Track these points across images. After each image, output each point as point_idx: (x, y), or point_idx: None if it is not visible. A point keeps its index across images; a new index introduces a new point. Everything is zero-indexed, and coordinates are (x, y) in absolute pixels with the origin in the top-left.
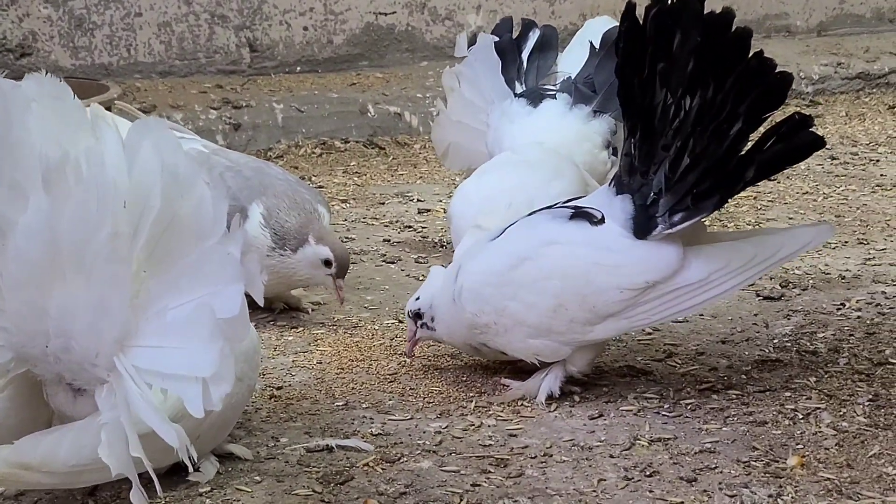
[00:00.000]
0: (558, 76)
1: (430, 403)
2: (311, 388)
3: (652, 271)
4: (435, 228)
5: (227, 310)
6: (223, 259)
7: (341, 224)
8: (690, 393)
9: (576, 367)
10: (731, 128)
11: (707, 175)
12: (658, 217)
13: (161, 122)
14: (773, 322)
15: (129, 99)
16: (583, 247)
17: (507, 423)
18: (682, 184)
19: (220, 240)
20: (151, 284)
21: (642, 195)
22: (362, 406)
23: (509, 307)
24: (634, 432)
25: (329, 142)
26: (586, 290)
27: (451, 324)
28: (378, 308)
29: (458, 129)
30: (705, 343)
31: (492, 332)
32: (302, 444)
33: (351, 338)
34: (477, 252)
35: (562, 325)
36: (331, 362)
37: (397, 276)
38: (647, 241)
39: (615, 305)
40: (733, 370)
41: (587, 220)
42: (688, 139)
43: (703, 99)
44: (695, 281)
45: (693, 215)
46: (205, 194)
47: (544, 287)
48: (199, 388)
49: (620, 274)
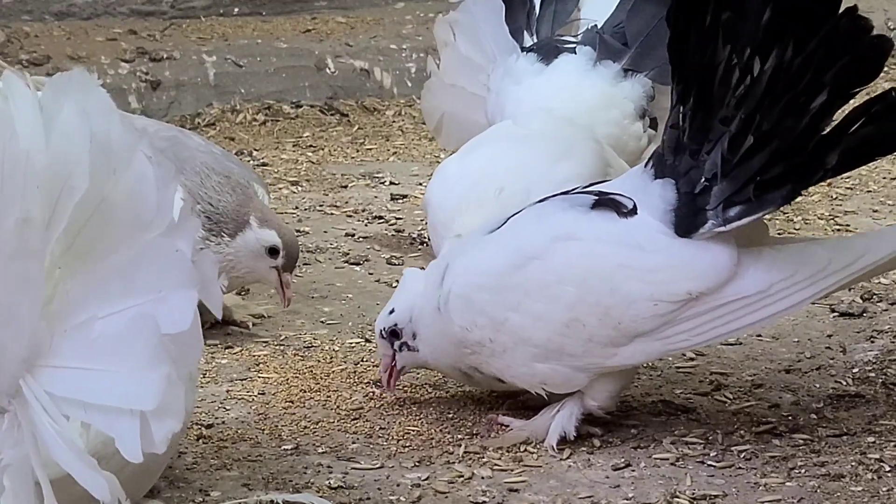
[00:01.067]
0: (580, 24)
1: (406, 448)
2: (250, 427)
3: (696, 279)
4: (413, 220)
5: (174, 323)
6: (170, 257)
7: (290, 213)
8: (744, 437)
9: (596, 401)
10: (812, 101)
11: (777, 159)
12: (708, 210)
13: (89, 76)
14: (852, 346)
15: (14, 47)
16: (607, 244)
17: (506, 475)
18: (743, 168)
19: (166, 231)
20: (71, 287)
21: (689, 181)
22: (317, 451)
23: (510, 320)
24: (672, 488)
25: (275, 106)
26: (610, 300)
27: (436, 341)
28: (338, 323)
29: (452, 96)
30: (764, 372)
31: (486, 352)
32: (239, 500)
33: (303, 361)
34: (469, 247)
35: (577, 346)
36: (276, 393)
37: (364, 282)
38: (692, 241)
39: (647, 322)
40: (800, 408)
41: (614, 211)
42: (755, 112)
43: (779, 62)
44: (752, 293)
45: (754, 210)
46: (145, 172)
47: (556, 295)
48: (137, 425)
49: (655, 281)
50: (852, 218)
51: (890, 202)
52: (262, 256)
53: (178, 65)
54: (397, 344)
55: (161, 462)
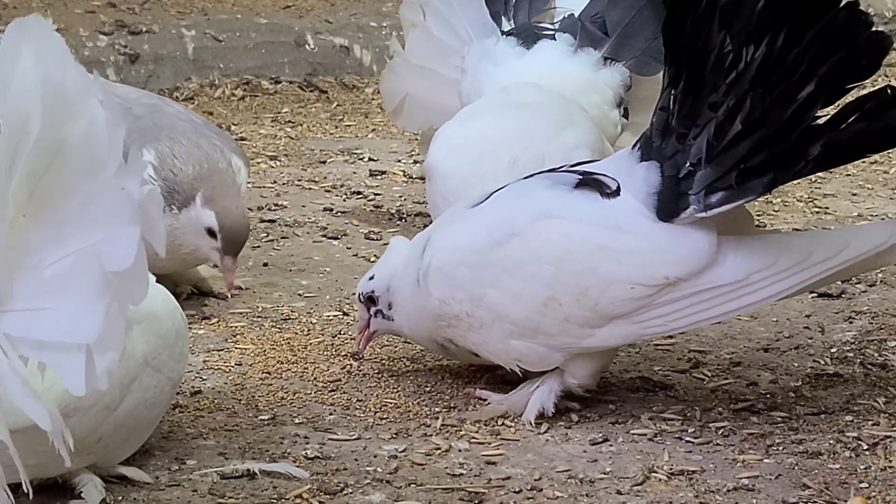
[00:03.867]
0: (556, 13)
1: (384, 420)
2: (227, 397)
3: (675, 264)
4: (391, 195)
5: (117, 260)
6: (116, 197)
7: (269, 188)
8: (723, 414)
9: (576, 379)
10: (800, 92)
11: (761, 147)
12: (691, 195)
13: (44, 21)
14: (830, 326)
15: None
16: (587, 224)
17: (483, 448)
18: (728, 155)
19: (115, 173)
20: (33, 232)
21: (674, 164)
22: (294, 421)
23: (488, 296)
24: (649, 462)
25: (254, 81)
26: (587, 280)
27: (413, 312)
28: (316, 296)
29: (419, 77)
30: (742, 351)
31: (463, 326)
32: (215, 469)
33: (280, 333)
34: (452, 221)
35: (553, 325)
36: (254, 364)
37: (341, 256)
38: (673, 225)
39: (624, 304)
40: (778, 386)
41: (597, 191)
42: (744, 98)
43: (771, 50)
44: (729, 281)
45: (736, 197)
46: (97, 115)
47: (534, 273)
48: (81, 358)
49: (633, 264)
50: (831, 201)
51: (869, 186)
52: (203, 235)
53: (157, 38)
54: (373, 310)
55: (147, 420)
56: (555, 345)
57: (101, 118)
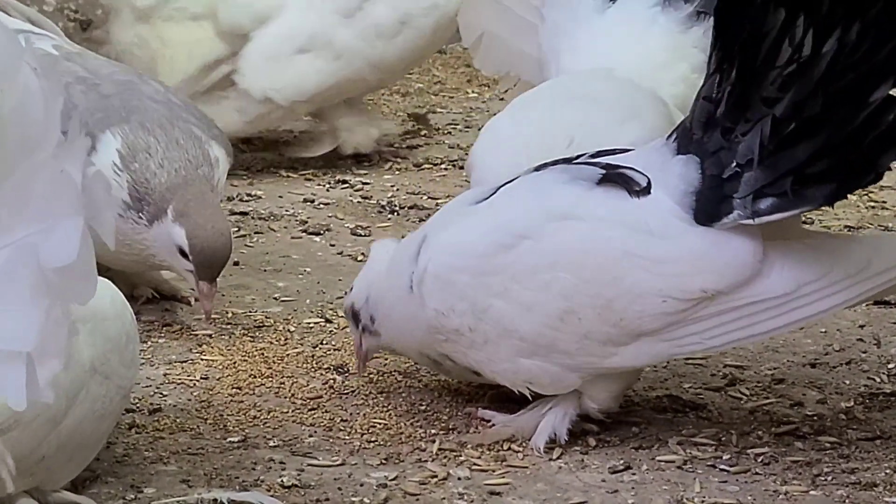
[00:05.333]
0: None
1: (372, 443)
2: (191, 416)
3: (714, 274)
4: (381, 185)
5: (58, 255)
6: (56, 180)
7: (240, 175)
8: (763, 438)
9: (596, 402)
10: (874, 93)
11: (824, 152)
12: (736, 198)
13: None
14: (887, 338)
15: None
16: (612, 226)
17: (486, 476)
18: (783, 157)
19: (54, 153)
20: None
21: (718, 162)
22: (268, 444)
23: (494, 308)
24: (678, 494)
25: None
26: (611, 292)
27: (402, 324)
28: (294, 300)
29: (497, 14)
30: (786, 366)
31: (464, 342)
32: (177, 498)
33: (253, 343)
34: (452, 219)
35: (570, 343)
36: (222, 378)
37: (324, 255)
38: (712, 230)
39: (653, 320)
40: (827, 407)
41: (624, 188)
42: (807, 94)
43: (845, 41)
44: (777, 294)
45: (789, 206)
46: (30, 84)
47: (548, 282)
48: (20, 368)
49: (665, 273)
50: (889, 194)
51: None
52: (175, 254)
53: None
54: (360, 325)
55: (95, 435)
56: (572, 364)
57: (35, 88)
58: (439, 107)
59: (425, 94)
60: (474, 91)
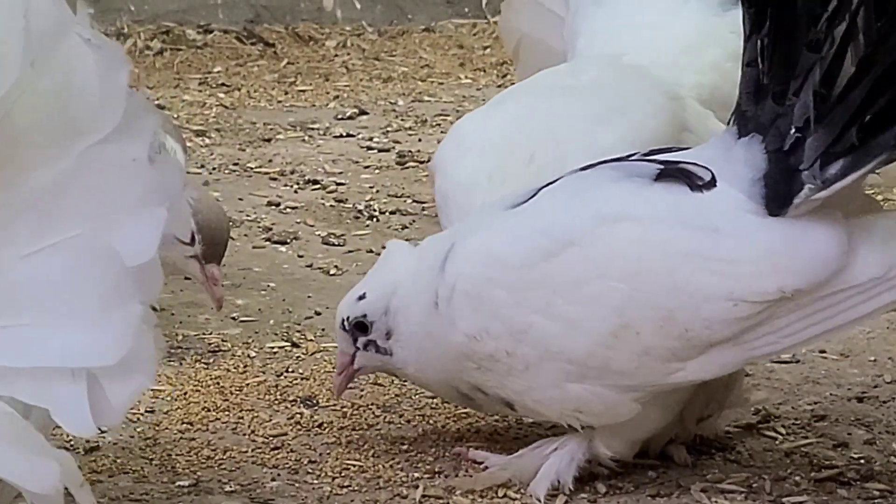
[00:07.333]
0: None
1: (345, 488)
2: (134, 456)
3: (793, 273)
4: (358, 186)
5: (136, 251)
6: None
7: (194, 174)
8: (801, 485)
9: (609, 448)
10: None
11: (885, 85)
12: (803, 170)
13: None
14: None
15: None
16: (669, 226)
17: None
18: (843, 106)
19: (114, 135)
20: None
21: (777, 133)
22: (224, 489)
23: (535, 327)
24: None
25: (176, 30)
26: (672, 301)
27: (426, 346)
28: (256, 321)
29: (534, 14)
30: (828, 400)
31: (501, 369)
32: None
33: (207, 371)
34: (485, 226)
35: (627, 361)
36: (170, 412)
37: (290, 267)
38: (788, 221)
39: (724, 327)
40: (876, 448)
41: (685, 183)
42: (854, 25)
43: None
44: (864, 280)
45: (861, 162)
46: (80, 57)
47: (598, 294)
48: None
49: (735, 274)
50: None
51: None
52: (174, 243)
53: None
54: (362, 341)
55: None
56: (629, 385)
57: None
58: (427, 94)
59: (410, 80)
60: (468, 76)
